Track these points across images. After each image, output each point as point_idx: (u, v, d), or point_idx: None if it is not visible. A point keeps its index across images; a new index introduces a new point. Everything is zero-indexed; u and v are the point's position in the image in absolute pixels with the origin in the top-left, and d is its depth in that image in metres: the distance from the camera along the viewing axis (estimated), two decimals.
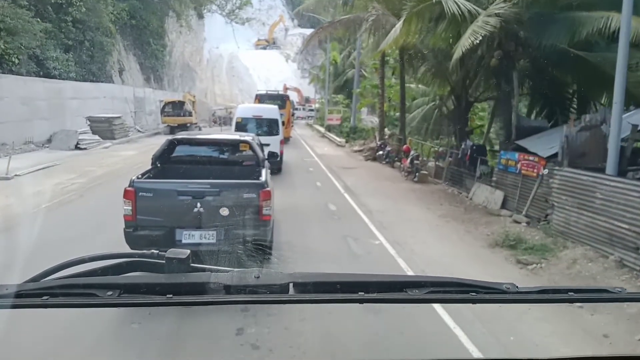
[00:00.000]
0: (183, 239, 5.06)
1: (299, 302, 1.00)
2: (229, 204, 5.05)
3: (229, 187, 5.32)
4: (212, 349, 3.91)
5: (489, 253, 7.50)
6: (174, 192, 5.20)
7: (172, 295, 0.94)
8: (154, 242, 4.82)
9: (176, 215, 5.08)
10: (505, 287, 1.01)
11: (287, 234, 7.43)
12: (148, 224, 5.10)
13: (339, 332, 4.14)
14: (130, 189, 5.01)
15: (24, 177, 12.15)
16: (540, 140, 10.12)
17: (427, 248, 7.60)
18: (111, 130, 20.82)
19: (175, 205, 5.08)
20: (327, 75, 33.88)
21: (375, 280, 1.07)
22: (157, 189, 5.27)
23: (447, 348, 4.16)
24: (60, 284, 0.98)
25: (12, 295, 0.92)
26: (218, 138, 8.40)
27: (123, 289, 0.95)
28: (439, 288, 1.04)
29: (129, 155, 17.11)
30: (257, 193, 5.17)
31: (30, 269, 1.16)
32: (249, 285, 0.96)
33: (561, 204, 7.83)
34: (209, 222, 5.02)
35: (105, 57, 27.85)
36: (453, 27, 10.73)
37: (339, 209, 10.24)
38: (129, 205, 5.00)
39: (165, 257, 1.07)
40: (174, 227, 5.11)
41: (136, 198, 4.99)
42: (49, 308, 0.93)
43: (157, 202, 5.09)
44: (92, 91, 24.65)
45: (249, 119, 14.48)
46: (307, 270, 1.06)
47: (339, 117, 29.59)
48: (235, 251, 4.62)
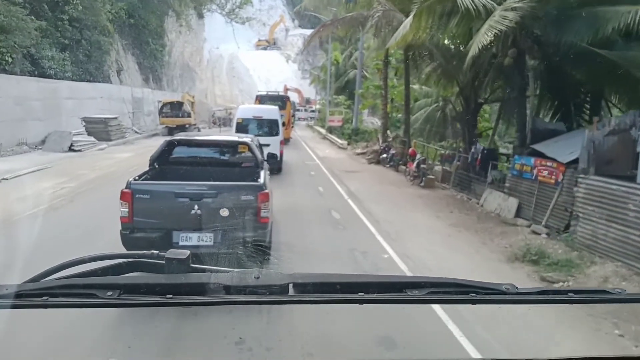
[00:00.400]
0: (180, 241, 4.99)
1: (298, 303, 1.01)
2: (227, 206, 4.97)
3: (227, 189, 5.22)
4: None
5: (509, 269, 6.88)
6: (171, 194, 5.08)
7: (172, 296, 0.95)
8: (150, 245, 4.38)
9: (173, 217, 5.01)
10: (504, 288, 1.02)
11: (289, 245, 6.89)
12: (145, 226, 5.00)
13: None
14: (127, 190, 4.91)
15: (11, 181, 11.54)
16: (558, 145, 9.50)
17: (441, 262, 6.98)
18: (107, 132, 20.19)
19: (172, 207, 4.99)
20: (329, 75, 33.33)
21: (375, 280, 1.10)
22: (154, 190, 5.16)
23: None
24: (60, 284, 0.99)
25: (12, 295, 0.92)
26: (216, 139, 8.21)
27: (123, 289, 0.96)
28: (438, 289, 1.04)
29: (124, 158, 16.48)
30: (255, 195, 5.09)
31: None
32: (248, 285, 0.96)
33: (587, 215, 7.23)
34: (207, 224, 4.93)
35: (103, 56, 27.27)
36: (465, 23, 10.12)
37: (343, 217, 9.62)
38: (126, 207, 4.90)
39: (165, 258, 1.08)
40: (171, 229, 5.02)
41: (133, 200, 4.89)
42: (49, 308, 0.94)
43: (154, 204, 4.99)
44: (89, 91, 24.06)
45: (250, 119, 14.50)
46: (306, 270, 1.06)
47: (340, 118, 28.95)
48: (234, 253, 4.55)
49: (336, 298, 0.99)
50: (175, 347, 3.90)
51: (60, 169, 13.60)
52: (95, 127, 19.96)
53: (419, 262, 6.84)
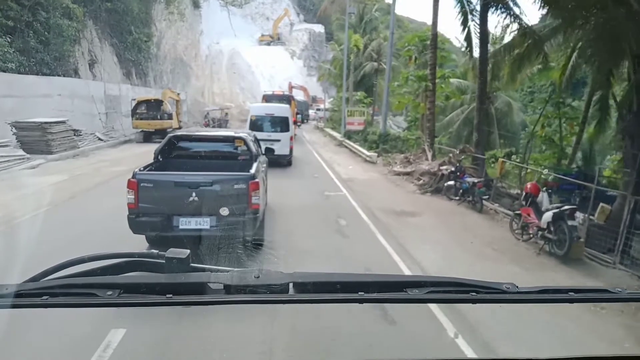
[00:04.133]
0: (180, 225, 5.59)
1: (298, 302, 0.99)
2: (221, 194, 5.56)
3: (221, 178, 5.77)
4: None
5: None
6: (172, 183, 5.67)
7: (172, 295, 0.95)
8: (154, 228, 5.58)
9: (174, 204, 5.57)
10: (505, 287, 1.01)
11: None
12: (148, 211, 5.54)
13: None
14: (133, 180, 5.49)
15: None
16: None
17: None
18: (46, 141, 14.71)
19: (173, 194, 5.58)
20: (346, 64, 26.67)
21: (375, 280, 1.08)
22: (156, 180, 5.72)
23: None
24: (60, 284, 0.98)
25: (12, 295, 0.92)
26: (215, 134, 8.78)
27: (123, 288, 0.95)
28: (438, 288, 1.04)
29: (47, 186, 10.72)
30: (246, 184, 5.62)
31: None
32: (248, 285, 0.96)
33: None
34: (204, 210, 5.49)
35: (66, 44, 22.02)
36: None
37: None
38: (132, 194, 5.46)
39: (165, 257, 1.07)
40: (172, 214, 5.60)
41: (138, 188, 5.46)
42: (49, 308, 0.93)
43: (157, 191, 5.57)
44: (41, 87, 18.76)
45: (263, 117, 15.22)
46: (307, 270, 1.04)
47: (362, 120, 22.78)
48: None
49: (336, 297, 0.99)
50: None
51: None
52: (29, 135, 14.51)
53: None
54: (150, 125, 21.41)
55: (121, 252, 1.14)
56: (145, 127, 21.49)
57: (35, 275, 1.05)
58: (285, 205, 9.22)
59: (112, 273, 1.07)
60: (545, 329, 4.14)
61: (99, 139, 18.72)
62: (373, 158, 17.19)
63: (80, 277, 1.03)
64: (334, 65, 37.34)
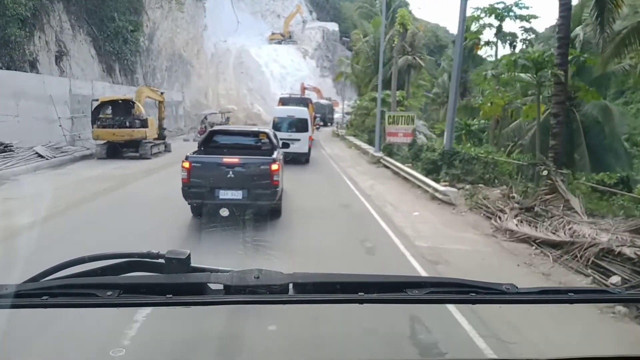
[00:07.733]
0: (220, 195, 7.31)
1: (298, 303, 0.99)
2: (251, 173, 7.36)
3: (251, 161, 7.64)
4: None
5: None
6: (215, 164, 7.47)
7: (171, 295, 0.94)
8: (201, 197, 7.40)
9: (216, 179, 7.29)
10: (505, 288, 1.00)
11: None
12: (197, 185, 7.28)
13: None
14: (187, 161, 7.28)
15: None
16: None
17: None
18: None
19: (215, 172, 7.32)
20: (382, 51, 19.88)
21: (375, 280, 1.07)
22: (203, 161, 7.69)
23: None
24: (60, 284, 0.97)
25: (12, 295, 0.91)
26: (245, 130, 11.71)
27: (123, 289, 0.94)
28: (439, 288, 1.03)
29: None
30: (269, 165, 7.41)
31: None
32: (248, 285, 0.95)
33: None
34: (238, 185, 7.26)
35: (15, 31, 16.78)
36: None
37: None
38: (185, 172, 7.21)
39: (164, 257, 1.06)
40: (214, 187, 7.31)
41: (190, 167, 7.22)
42: (49, 308, 0.92)
43: (203, 170, 7.36)
44: None
45: (284, 118, 17.37)
46: (307, 270, 1.03)
47: (409, 130, 15.92)
48: (255, 207, 7.49)
49: (336, 298, 0.99)
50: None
51: None
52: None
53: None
54: (116, 135, 15.65)
55: (121, 252, 1.14)
56: (109, 138, 15.77)
57: (35, 275, 1.06)
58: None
59: (112, 273, 1.07)
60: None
61: (38, 155, 13.18)
62: (447, 195, 10.30)
63: (80, 278, 1.03)
64: (355, 60, 31.59)
